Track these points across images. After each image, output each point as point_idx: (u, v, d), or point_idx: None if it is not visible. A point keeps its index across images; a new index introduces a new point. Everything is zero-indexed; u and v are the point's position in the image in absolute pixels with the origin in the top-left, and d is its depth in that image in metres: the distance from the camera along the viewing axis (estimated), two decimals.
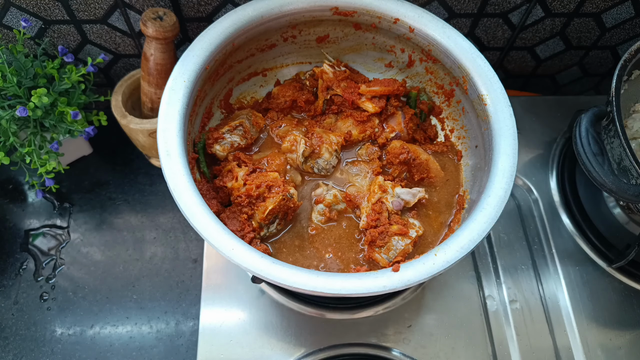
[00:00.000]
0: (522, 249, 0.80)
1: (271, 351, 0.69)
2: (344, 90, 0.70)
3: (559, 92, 1.06)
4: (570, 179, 0.85)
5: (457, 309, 0.74)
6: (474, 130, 0.67)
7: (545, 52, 0.93)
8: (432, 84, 0.72)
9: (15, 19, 0.74)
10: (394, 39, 0.70)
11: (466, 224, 0.54)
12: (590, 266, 0.79)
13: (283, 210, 0.61)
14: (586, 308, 0.76)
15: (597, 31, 0.89)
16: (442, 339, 0.72)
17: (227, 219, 0.59)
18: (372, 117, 0.70)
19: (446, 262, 0.51)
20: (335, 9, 0.66)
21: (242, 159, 0.65)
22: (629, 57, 0.71)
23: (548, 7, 0.82)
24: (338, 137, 0.68)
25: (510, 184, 0.56)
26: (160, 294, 0.79)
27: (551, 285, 0.77)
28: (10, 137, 0.71)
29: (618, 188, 0.66)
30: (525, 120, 0.90)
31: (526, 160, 0.87)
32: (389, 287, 0.50)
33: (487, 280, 0.77)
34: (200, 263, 0.80)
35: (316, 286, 0.49)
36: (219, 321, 0.71)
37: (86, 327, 0.76)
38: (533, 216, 0.83)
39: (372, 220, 0.61)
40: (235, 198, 0.60)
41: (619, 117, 0.66)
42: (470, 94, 0.65)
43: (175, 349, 0.74)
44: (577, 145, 0.70)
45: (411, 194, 0.64)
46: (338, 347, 0.70)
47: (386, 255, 0.60)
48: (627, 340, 0.74)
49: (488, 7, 0.81)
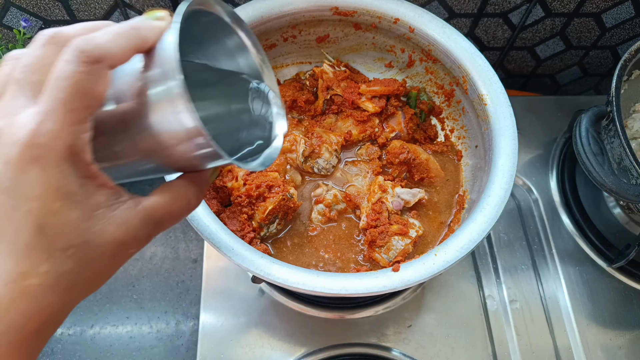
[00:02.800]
0: (522, 249, 0.80)
1: (271, 351, 0.69)
2: (344, 90, 0.70)
3: (559, 92, 1.06)
4: (570, 179, 0.85)
5: (457, 309, 0.74)
6: (474, 130, 0.67)
7: (545, 52, 0.93)
8: (432, 84, 0.72)
9: (15, 19, 0.74)
10: (394, 39, 0.70)
11: (466, 224, 0.54)
12: (590, 266, 0.79)
13: (283, 210, 0.61)
14: (586, 308, 0.76)
15: (597, 31, 0.89)
16: (442, 339, 0.72)
17: (227, 219, 0.59)
18: (372, 117, 0.70)
19: (446, 262, 0.51)
20: (335, 9, 0.66)
21: None
22: (629, 57, 0.71)
23: (548, 7, 0.82)
24: (338, 136, 0.68)
25: (510, 184, 0.56)
26: (160, 294, 0.79)
27: (551, 285, 0.77)
28: None
29: (618, 188, 0.66)
30: (525, 120, 0.90)
31: (526, 160, 0.87)
32: (389, 287, 0.50)
33: (487, 280, 0.77)
34: (200, 263, 0.80)
35: (316, 286, 0.49)
36: (219, 321, 0.71)
37: (86, 327, 0.76)
38: (533, 216, 0.83)
39: (372, 220, 0.61)
40: (235, 198, 0.60)
41: (619, 117, 0.66)
42: (470, 94, 0.65)
43: (175, 349, 0.75)
44: (577, 145, 0.70)
45: (411, 193, 0.64)
46: (338, 347, 0.70)
47: (386, 255, 0.60)
48: (627, 340, 0.74)
49: (488, 7, 0.81)
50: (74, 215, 0.27)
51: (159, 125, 0.29)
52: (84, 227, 0.28)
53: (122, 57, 0.28)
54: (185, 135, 0.29)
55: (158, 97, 0.28)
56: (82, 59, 0.26)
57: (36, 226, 0.26)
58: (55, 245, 0.27)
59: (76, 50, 0.27)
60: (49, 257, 0.27)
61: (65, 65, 0.26)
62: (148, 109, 0.29)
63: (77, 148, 0.27)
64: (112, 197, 0.29)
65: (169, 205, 0.32)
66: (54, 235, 0.27)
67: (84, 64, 0.26)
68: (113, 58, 0.28)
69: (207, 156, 0.30)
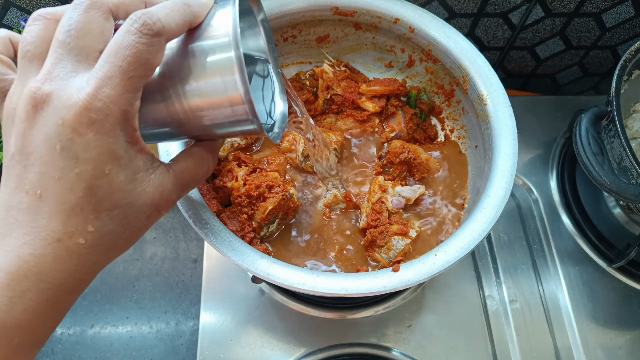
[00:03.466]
0: (522, 249, 0.80)
1: (271, 351, 0.69)
2: (344, 90, 0.70)
3: (559, 92, 1.06)
4: (570, 179, 0.85)
5: (457, 309, 0.74)
6: (474, 130, 0.67)
7: (545, 52, 0.94)
8: (432, 84, 0.72)
9: (15, 19, 0.74)
10: (394, 39, 0.70)
11: (466, 224, 0.54)
12: (590, 266, 0.79)
13: (283, 210, 0.61)
14: (586, 308, 0.76)
15: (597, 31, 0.89)
16: (442, 339, 0.72)
17: (227, 219, 0.59)
18: (372, 116, 0.70)
19: (446, 262, 0.51)
20: (335, 8, 0.66)
21: (242, 159, 0.65)
22: (629, 57, 0.72)
23: (548, 7, 0.82)
24: (338, 136, 0.68)
25: (510, 184, 0.56)
26: (160, 294, 0.79)
27: (551, 285, 0.77)
28: None
29: (618, 188, 0.66)
30: (525, 120, 0.90)
31: (526, 160, 0.87)
32: (389, 287, 0.50)
33: (487, 280, 0.77)
34: (200, 263, 0.80)
35: (316, 286, 0.49)
36: (219, 321, 0.71)
37: (86, 327, 0.76)
38: (533, 216, 0.83)
39: (372, 220, 0.61)
40: (235, 198, 0.60)
41: (619, 117, 0.66)
42: (470, 93, 0.65)
43: (175, 349, 0.75)
44: (577, 145, 0.70)
45: (412, 190, 0.64)
46: (338, 347, 0.70)
47: (386, 255, 0.60)
48: (627, 340, 0.74)
49: (488, 7, 0.81)
50: (121, 178, 0.29)
51: (204, 94, 0.31)
52: (128, 189, 0.29)
53: (178, 31, 0.30)
54: (228, 103, 0.31)
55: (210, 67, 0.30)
56: (144, 32, 0.28)
57: (86, 188, 0.27)
58: (102, 206, 0.28)
59: (138, 22, 0.28)
60: (95, 218, 0.28)
61: (127, 35, 0.27)
62: (194, 77, 0.31)
63: (129, 114, 0.28)
64: (148, 162, 0.31)
65: (193, 170, 0.35)
66: (103, 197, 0.28)
67: (146, 36, 0.28)
68: (170, 32, 0.29)
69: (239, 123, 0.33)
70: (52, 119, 0.27)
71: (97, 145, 0.27)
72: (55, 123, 0.27)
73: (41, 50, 0.29)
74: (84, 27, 0.28)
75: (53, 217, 0.27)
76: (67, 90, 0.27)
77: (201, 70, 0.30)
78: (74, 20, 0.28)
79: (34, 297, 0.27)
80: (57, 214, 0.27)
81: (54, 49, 0.28)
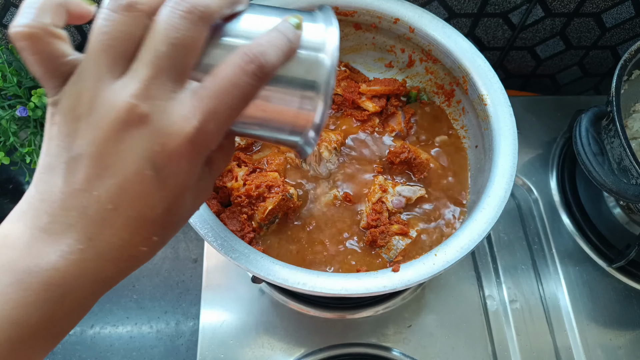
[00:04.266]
0: (522, 249, 0.80)
1: (271, 351, 0.69)
2: (344, 90, 0.70)
3: (559, 92, 1.06)
4: (570, 179, 0.85)
5: (457, 309, 0.74)
6: (474, 130, 0.67)
7: (545, 52, 0.93)
8: (432, 84, 0.72)
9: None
10: (394, 39, 0.70)
11: (466, 224, 0.54)
12: (590, 266, 0.79)
13: (283, 210, 0.61)
14: (586, 308, 0.76)
15: (597, 31, 0.89)
16: (442, 339, 0.72)
17: (227, 219, 0.59)
18: (372, 116, 0.70)
19: (446, 262, 0.51)
20: (336, 9, 0.66)
21: (242, 159, 0.65)
22: (629, 57, 0.72)
23: (548, 7, 0.82)
24: (338, 135, 0.68)
25: (510, 184, 0.56)
26: (160, 294, 0.79)
27: (551, 285, 0.77)
28: (11, 137, 0.71)
29: (618, 188, 0.66)
30: (525, 120, 0.90)
31: (526, 160, 0.87)
32: (389, 287, 0.50)
33: (487, 280, 0.77)
34: (200, 263, 0.80)
35: (316, 286, 0.49)
36: (219, 321, 0.71)
37: (86, 327, 0.76)
38: (533, 216, 0.83)
39: (372, 220, 0.61)
40: (235, 198, 0.60)
41: (619, 117, 0.66)
42: (470, 94, 0.65)
43: (175, 349, 0.75)
44: (577, 145, 0.70)
45: (412, 190, 0.64)
46: (338, 347, 0.70)
47: (387, 255, 0.60)
48: (627, 340, 0.74)
49: (488, 7, 0.81)
50: (190, 199, 0.30)
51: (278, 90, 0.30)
52: (193, 205, 0.31)
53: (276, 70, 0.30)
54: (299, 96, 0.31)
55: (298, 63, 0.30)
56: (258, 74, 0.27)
57: (166, 207, 0.28)
58: (172, 219, 0.30)
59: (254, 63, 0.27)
60: (162, 229, 0.29)
61: (242, 76, 0.27)
62: None
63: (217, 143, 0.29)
64: (203, 173, 0.31)
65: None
66: (176, 213, 0.30)
67: (257, 79, 0.27)
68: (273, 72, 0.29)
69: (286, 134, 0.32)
70: (148, 141, 0.26)
71: (187, 172, 0.28)
72: (151, 148, 0.26)
73: (127, 49, 0.27)
74: (191, 43, 0.26)
75: (124, 229, 0.27)
76: (169, 117, 0.26)
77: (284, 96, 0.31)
78: (181, 34, 0.26)
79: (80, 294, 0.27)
80: (129, 227, 0.27)
81: (151, 59, 0.26)
